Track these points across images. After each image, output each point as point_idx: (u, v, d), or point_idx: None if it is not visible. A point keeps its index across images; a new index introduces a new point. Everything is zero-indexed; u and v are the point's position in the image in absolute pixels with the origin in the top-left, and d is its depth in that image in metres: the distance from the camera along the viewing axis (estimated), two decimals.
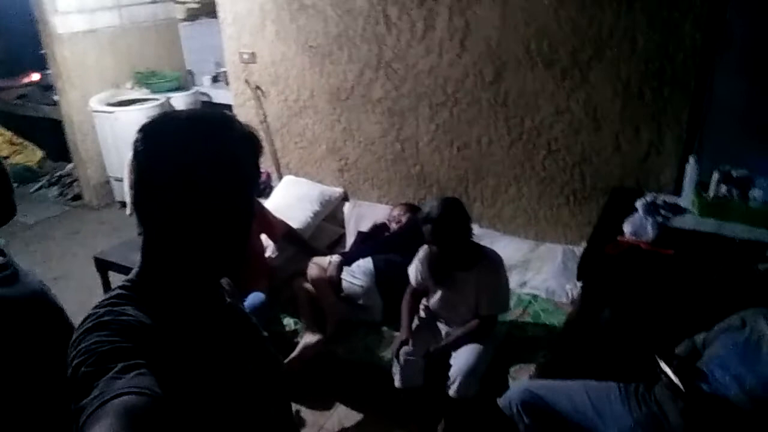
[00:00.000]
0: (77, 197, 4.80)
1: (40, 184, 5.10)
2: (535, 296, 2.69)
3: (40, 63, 4.48)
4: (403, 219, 2.88)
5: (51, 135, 4.81)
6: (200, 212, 0.80)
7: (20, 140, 5.11)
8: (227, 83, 3.78)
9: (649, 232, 2.07)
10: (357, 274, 2.62)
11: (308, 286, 2.67)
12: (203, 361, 0.83)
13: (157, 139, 0.80)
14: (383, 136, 3.15)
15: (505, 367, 2.28)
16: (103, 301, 0.81)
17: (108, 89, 4.53)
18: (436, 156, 3.05)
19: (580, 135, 2.63)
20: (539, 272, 2.79)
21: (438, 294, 2.32)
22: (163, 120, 0.83)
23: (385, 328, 2.57)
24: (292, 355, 2.51)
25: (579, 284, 2.36)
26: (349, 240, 3.17)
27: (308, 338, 2.55)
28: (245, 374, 0.91)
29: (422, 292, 2.39)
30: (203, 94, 4.78)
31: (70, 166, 4.87)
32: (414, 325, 2.40)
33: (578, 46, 2.47)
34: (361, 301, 2.61)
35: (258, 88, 3.44)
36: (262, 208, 2.83)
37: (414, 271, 2.35)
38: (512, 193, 2.95)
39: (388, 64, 2.96)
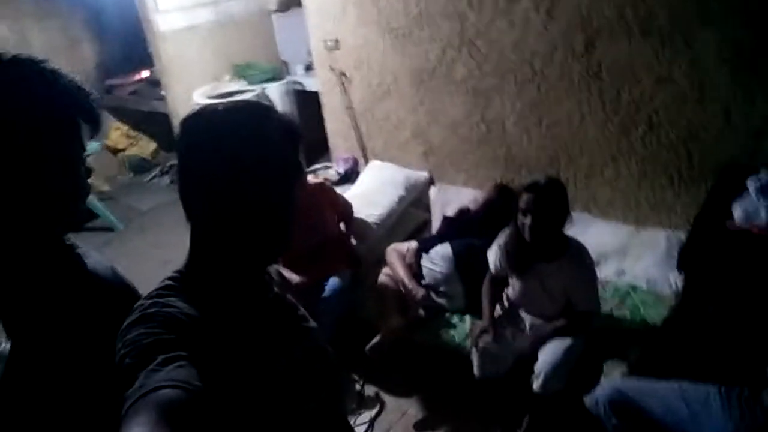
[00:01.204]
0: None
1: (153, 173, 5.51)
2: (633, 287, 2.48)
3: (149, 60, 4.80)
4: (481, 200, 2.77)
5: (161, 127, 5.16)
6: (240, 201, 0.81)
7: (135, 133, 5.54)
8: None
9: (763, 215, 1.81)
10: (436, 260, 2.56)
11: (389, 271, 2.66)
12: (246, 353, 0.83)
13: (197, 131, 0.82)
14: (467, 117, 3.04)
15: (595, 362, 2.12)
16: (151, 292, 0.83)
17: (209, 83, 4.76)
18: (524, 136, 2.89)
19: (685, 108, 2.37)
20: (639, 260, 2.57)
21: (518, 285, 2.21)
22: (202, 112, 0.84)
23: (467, 316, 2.50)
24: (374, 340, 2.51)
25: (681, 274, 2.14)
26: (435, 225, 3.11)
27: (390, 324, 2.54)
28: (289, 366, 0.90)
29: (503, 279, 2.28)
30: (296, 83, 4.89)
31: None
32: (496, 314, 2.31)
33: (679, 8, 2.20)
34: (442, 288, 2.55)
35: (342, 74, 3.45)
36: (334, 193, 2.84)
37: (493, 256, 2.25)
38: (609, 174, 2.73)
39: (470, 41, 2.83)
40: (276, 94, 4.89)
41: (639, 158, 2.60)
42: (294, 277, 2.61)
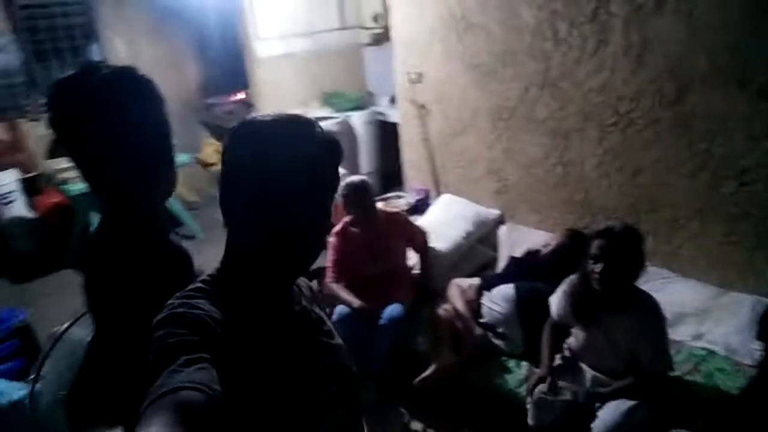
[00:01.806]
0: None
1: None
2: (711, 352, 2.28)
3: (246, 83, 5.09)
4: (552, 243, 2.68)
5: None
6: (274, 212, 0.81)
7: None
8: None
9: None
10: (497, 300, 2.49)
11: (448, 306, 2.61)
12: (264, 361, 0.83)
13: (241, 139, 0.84)
14: (545, 158, 2.97)
15: (658, 429, 1.96)
16: (182, 292, 0.85)
17: (297, 108, 4.97)
18: (604, 181, 2.78)
19: None
20: (719, 324, 2.37)
21: (581, 335, 2.10)
22: (249, 123, 0.86)
23: (524, 362, 2.39)
24: (425, 373, 2.46)
25: (762, 344, 1.95)
26: (501, 265, 3.03)
27: (443, 359, 2.48)
28: (305, 379, 0.89)
29: (565, 327, 2.18)
30: (379, 113, 5.02)
31: None
32: (555, 363, 2.20)
33: None
34: (500, 329, 2.47)
35: (422, 106, 3.49)
36: (409, 223, 2.85)
37: (556, 302, 2.16)
38: (693, 228, 2.56)
39: (554, 82, 2.79)
40: (358, 122, 5.04)
41: (727, 215, 2.42)
42: (354, 301, 2.62)
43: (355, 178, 2.74)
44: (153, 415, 0.65)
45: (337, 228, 2.77)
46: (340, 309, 2.64)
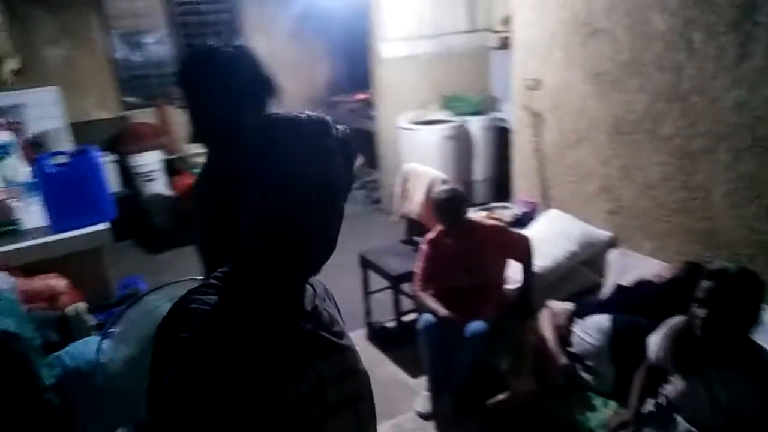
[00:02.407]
0: (377, 201, 5.44)
1: (354, 186, 5.94)
2: None
3: (369, 83, 5.21)
4: (667, 275, 2.40)
5: (368, 145, 5.54)
6: (285, 210, 0.80)
7: None
8: None
9: None
10: (590, 330, 2.29)
11: (537, 328, 2.46)
12: (272, 358, 0.82)
13: (256, 138, 0.83)
14: (667, 179, 2.68)
15: None
16: (194, 288, 0.87)
17: (415, 109, 4.99)
18: (733, 212, 2.44)
19: None
20: None
21: (679, 384, 1.85)
22: (264, 121, 0.86)
23: (612, 402, 2.18)
24: (502, 396, 2.35)
25: None
26: (606, 292, 2.80)
27: (522, 384, 2.34)
28: (307, 380, 0.86)
29: (662, 372, 1.94)
30: (499, 119, 4.88)
31: (376, 173, 5.54)
32: (645, 409, 1.97)
33: None
34: (589, 362, 2.27)
35: (537, 114, 3.32)
36: (509, 235, 2.71)
37: (655, 343, 1.93)
38: None
39: (684, 96, 2.50)
40: (476, 127, 4.94)
41: None
42: (440, 310, 2.56)
43: (446, 187, 2.67)
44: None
45: (430, 236, 2.72)
46: (426, 317, 2.60)
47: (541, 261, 2.83)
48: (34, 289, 2.49)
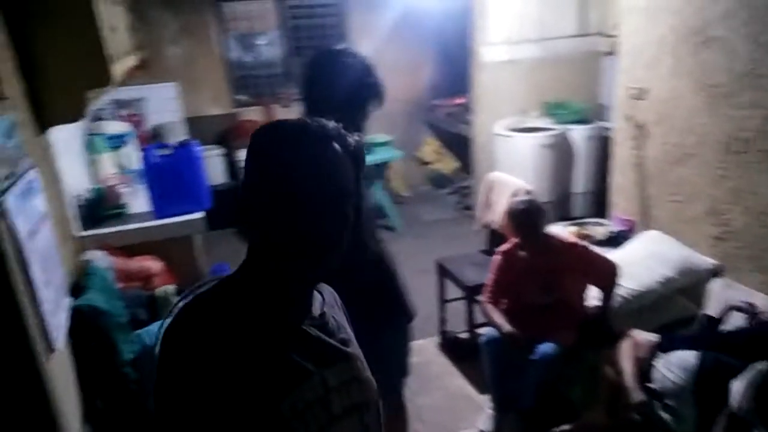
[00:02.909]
0: (468, 207, 5.34)
1: (447, 190, 5.88)
2: None
3: (469, 87, 5.12)
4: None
5: (465, 150, 5.46)
6: (292, 216, 0.81)
7: (443, 150, 6.00)
8: None
9: None
10: (673, 367, 2.08)
11: (615, 358, 2.28)
12: (276, 362, 0.82)
13: (262, 145, 0.84)
14: None
15: None
16: (209, 287, 0.88)
17: (514, 116, 4.83)
18: None
19: None
20: None
21: None
22: (270, 127, 0.87)
23: None
24: (567, 427, 2.21)
25: None
26: (698, 325, 2.53)
27: (593, 416, 2.19)
28: (317, 386, 0.86)
29: (745, 422, 1.72)
30: (605, 128, 4.58)
31: (470, 179, 5.44)
32: None
33: None
34: (670, 402, 2.07)
35: (641, 126, 3.08)
36: (591, 256, 2.54)
37: (738, 390, 1.72)
38: None
39: None
40: (579, 137, 4.69)
41: None
42: (504, 326, 2.46)
43: (523, 198, 2.55)
44: None
45: (504, 248, 2.62)
46: (489, 332, 2.51)
47: (629, 284, 2.63)
48: (131, 269, 2.70)
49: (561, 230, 3.23)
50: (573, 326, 2.50)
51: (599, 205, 4.58)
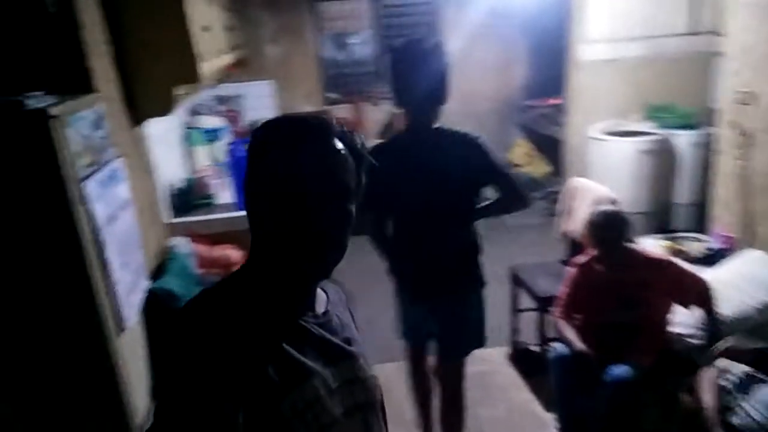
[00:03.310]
0: (554, 214, 5.09)
1: (536, 195, 5.65)
2: None
3: (565, 88, 4.89)
4: None
5: (557, 154, 5.23)
6: (292, 213, 0.80)
7: (534, 153, 5.78)
8: None
9: None
10: (758, 404, 1.86)
11: (696, 388, 2.08)
12: (278, 360, 0.82)
13: (263, 140, 0.85)
14: None
15: None
16: (205, 288, 0.90)
17: (612, 118, 4.54)
18: None
19: None
20: None
21: None
22: (274, 121, 0.87)
23: None
24: None
25: None
26: None
27: None
28: (314, 383, 0.84)
29: None
30: (712, 135, 4.19)
31: (560, 184, 5.19)
32: None
33: None
34: None
35: (747, 134, 2.77)
36: (682, 274, 2.32)
37: None
38: None
39: None
40: (685, 143, 4.34)
41: None
42: (576, 344, 2.32)
43: (605, 208, 2.37)
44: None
45: (581, 260, 2.46)
46: (559, 348, 2.37)
47: (721, 308, 2.38)
48: (212, 257, 2.85)
49: (651, 244, 3.01)
50: (652, 348, 2.31)
51: (703, 219, 4.20)
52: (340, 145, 0.83)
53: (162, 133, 2.85)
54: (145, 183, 2.46)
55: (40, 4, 1.75)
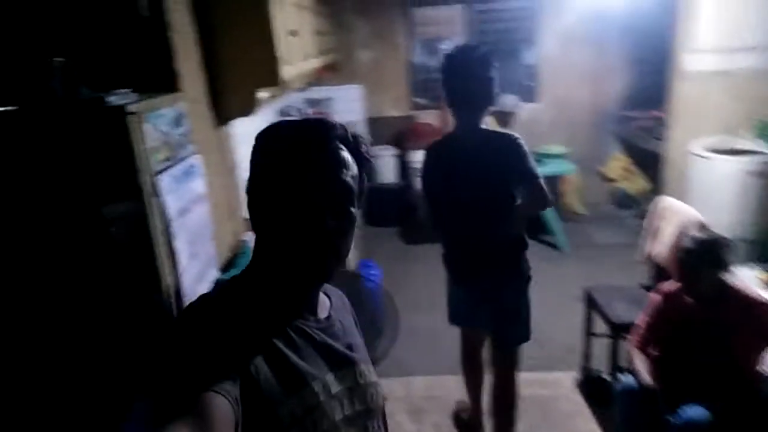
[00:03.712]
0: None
1: (632, 212, 5.33)
2: None
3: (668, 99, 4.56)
4: None
5: (657, 170, 4.89)
6: (293, 216, 0.81)
7: (633, 168, 5.44)
8: None
9: None
10: None
11: None
12: (279, 364, 0.81)
13: (265, 144, 0.86)
14: None
15: None
16: (206, 293, 0.90)
17: (718, 135, 4.18)
18: None
19: None
20: None
21: None
22: (274, 127, 0.88)
23: None
24: None
25: None
26: None
27: None
28: (313, 389, 0.83)
29: None
30: None
31: None
32: None
33: None
34: None
35: None
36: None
37: None
38: None
39: None
40: None
41: None
42: (646, 379, 2.13)
43: (699, 235, 2.12)
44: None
45: (667, 288, 2.26)
46: (627, 380, 2.20)
47: None
48: None
49: (747, 274, 2.73)
50: (734, 392, 2.08)
51: None
52: (342, 148, 0.83)
53: (249, 133, 2.99)
54: (226, 179, 2.58)
55: (133, 8, 1.90)
